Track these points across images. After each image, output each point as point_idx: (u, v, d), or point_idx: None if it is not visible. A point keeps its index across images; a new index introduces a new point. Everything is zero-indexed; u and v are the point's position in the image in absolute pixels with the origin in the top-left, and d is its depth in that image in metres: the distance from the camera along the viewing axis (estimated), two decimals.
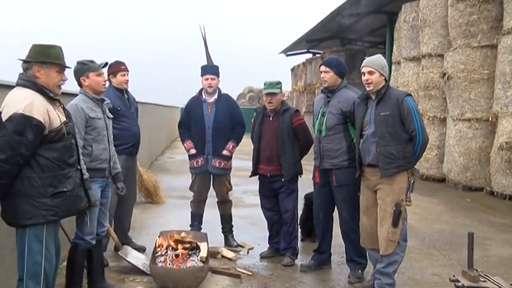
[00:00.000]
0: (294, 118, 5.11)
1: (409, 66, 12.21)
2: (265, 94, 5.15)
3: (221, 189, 5.73)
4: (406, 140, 4.04)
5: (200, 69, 5.69)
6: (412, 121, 4.00)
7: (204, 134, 5.55)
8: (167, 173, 12.20)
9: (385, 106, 4.09)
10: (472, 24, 9.85)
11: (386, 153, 4.04)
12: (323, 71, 4.76)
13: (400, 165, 4.02)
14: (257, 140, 5.25)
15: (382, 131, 4.07)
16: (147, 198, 8.39)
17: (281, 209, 5.21)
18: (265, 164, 5.19)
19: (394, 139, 4.03)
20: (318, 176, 4.83)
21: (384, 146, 4.05)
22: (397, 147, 4.02)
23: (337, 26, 19.33)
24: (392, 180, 4.05)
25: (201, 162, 5.58)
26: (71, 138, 3.31)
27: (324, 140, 4.69)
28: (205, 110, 5.59)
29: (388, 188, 4.06)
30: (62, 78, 3.33)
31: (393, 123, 4.04)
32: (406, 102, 4.03)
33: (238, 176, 8.63)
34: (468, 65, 9.85)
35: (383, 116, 4.07)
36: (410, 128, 4.02)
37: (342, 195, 4.66)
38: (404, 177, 4.05)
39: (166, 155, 17.08)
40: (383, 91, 4.14)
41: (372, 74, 4.15)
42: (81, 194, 3.36)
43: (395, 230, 4.03)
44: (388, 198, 4.06)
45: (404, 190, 4.05)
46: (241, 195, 9.04)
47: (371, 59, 4.23)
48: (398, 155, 4.01)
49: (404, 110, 4.02)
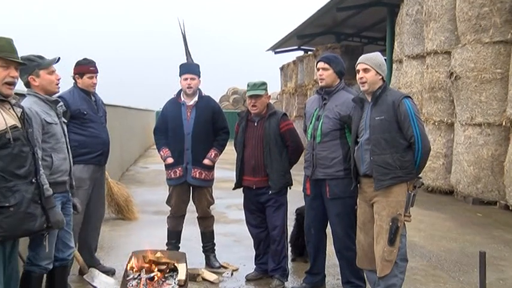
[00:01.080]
0: (282, 123, 5.14)
1: (412, 65, 12.35)
2: (249, 96, 5.19)
3: (202, 203, 5.75)
4: (404, 148, 4.06)
5: (179, 68, 5.72)
6: (410, 126, 4.00)
7: (183, 141, 5.57)
8: (141, 185, 12.17)
9: (381, 109, 4.12)
10: (483, 18, 9.92)
11: (381, 162, 4.07)
12: (321, 68, 4.79)
13: (396, 176, 4.03)
14: (241, 148, 5.28)
15: (376, 137, 4.10)
16: (117, 214, 8.36)
17: (269, 225, 5.23)
18: (251, 174, 5.22)
19: (390, 146, 4.05)
20: (308, 188, 4.86)
21: (379, 155, 4.08)
22: (393, 156, 4.04)
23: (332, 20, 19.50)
24: (388, 193, 4.07)
25: (179, 173, 5.59)
26: (21, 146, 3.20)
27: (318, 147, 4.72)
28: (184, 113, 5.61)
29: (384, 201, 4.08)
30: (10, 74, 3.23)
31: (389, 128, 4.06)
32: (403, 105, 4.04)
33: (221, 188, 8.64)
34: (479, 63, 9.92)
35: (378, 120, 4.11)
36: (408, 134, 4.04)
37: (336, 209, 4.69)
38: (402, 189, 4.06)
39: (139, 165, 17.05)
40: (379, 92, 4.17)
41: (366, 71, 4.19)
42: (33, 212, 3.23)
43: (391, 249, 4.03)
44: (384, 212, 4.07)
45: (402, 204, 4.05)
46: (225, 209, 9.04)
47: (367, 55, 4.28)
48: (394, 164, 4.03)
49: (401, 114, 4.03)
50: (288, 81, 24.42)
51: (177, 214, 5.77)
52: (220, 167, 9.23)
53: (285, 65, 25.60)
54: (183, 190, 5.69)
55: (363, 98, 4.31)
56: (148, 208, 9.09)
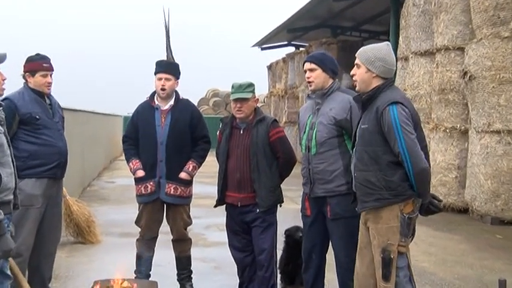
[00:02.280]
0: (271, 130, 5.15)
1: (420, 62, 12.43)
2: (234, 100, 5.19)
3: (177, 223, 5.73)
4: (390, 165, 3.92)
5: (155, 66, 5.73)
6: (396, 141, 3.86)
7: (156, 151, 5.56)
8: (105, 203, 12.10)
9: (368, 117, 4.04)
10: (501, 8, 9.98)
11: (363, 180, 4.01)
12: (308, 69, 4.82)
13: (382, 197, 3.92)
14: (224, 159, 5.27)
15: (360, 150, 4.04)
16: (76, 237, 8.29)
17: (255, 248, 5.22)
18: (235, 190, 5.21)
19: (373, 163, 3.95)
20: (308, 207, 4.87)
21: (361, 171, 4.02)
22: (376, 174, 3.94)
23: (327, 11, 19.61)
24: (378, 217, 3.97)
25: (152, 188, 5.57)
26: None
27: (315, 160, 4.73)
28: (158, 119, 5.61)
29: (375, 228, 4.00)
30: None
31: (371, 141, 3.97)
32: (387, 114, 3.89)
33: (199, 205, 8.59)
34: (497, 61, 9.97)
35: (363, 129, 4.04)
36: (395, 150, 3.89)
37: (338, 231, 4.69)
38: (393, 213, 3.93)
39: (104, 179, 17.01)
40: (370, 94, 4.05)
41: (358, 67, 4.14)
42: None
43: (387, 285, 3.92)
44: (375, 241, 3.99)
45: (395, 230, 3.92)
46: (204, 230, 9.02)
47: (362, 48, 4.22)
48: (378, 184, 3.93)
49: (385, 125, 3.89)
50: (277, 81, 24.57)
51: (148, 236, 5.73)
52: (199, 181, 9.19)
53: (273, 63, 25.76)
54: (156, 208, 5.66)
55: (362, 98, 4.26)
56: (114, 230, 9.02)
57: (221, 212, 5.50)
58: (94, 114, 17.47)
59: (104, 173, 18.82)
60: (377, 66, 4.06)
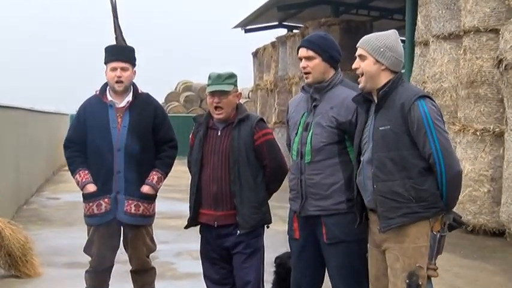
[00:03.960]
0: (257, 132, 5.18)
1: (443, 48, 12.46)
2: (210, 93, 5.20)
3: (138, 249, 5.75)
4: (421, 171, 4.04)
5: (104, 53, 5.74)
6: (427, 140, 3.99)
7: (111, 160, 5.59)
8: (46, 225, 12.01)
9: (387, 116, 4.12)
10: None
11: (387, 192, 4.07)
12: (303, 57, 4.83)
13: (411, 211, 4.02)
14: (198, 168, 5.27)
15: (380, 156, 4.10)
16: (9, 269, 8.24)
17: (237, 281, 5.24)
18: (211, 207, 5.22)
19: (400, 169, 4.05)
20: (297, 228, 4.87)
21: (384, 181, 4.08)
22: (404, 183, 4.03)
23: None
24: (403, 236, 4.06)
25: (106, 207, 5.59)
26: None
27: (309, 169, 4.74)
28: (113, 120, 5.63)
29: (397, 248, 4.07)
30: None
31: (397, 144, 4.06)
32: (416, 110, 4.02)
33: (167, 227, 8.61)
34: None
35: (382, 132, 4.11)
36: (425, 152, 4.01)
37: (337, 258, 4.70)
38: (423, 230, 4.05)
39: (45, 195, 16.91)
40: (385, 90, 4.14)
41: (363, 59, 4.22)
42: None
43: None
44: (397, 265, 4.06)
45: (424, 251, 4.04)
46: (172, 258, 8.98)
47: (365, 37, 4.29)
48: (407, 195, 4.02)
49: (414, 123, 4.02)
50: (265, 72, 24.52)
51: (101, 267, 5.73)
52: (167, 197, 9.24)
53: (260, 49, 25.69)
54: (111, 231, 5.68)
55: (368, 96, 4.32)
56: (58, 259, 8.98)
57: (194, 235, 5.51)
58: (32, 113, 17.32)
59: (46, 187, 18.70)
60: (388, 57, 4.16)
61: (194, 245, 5.62)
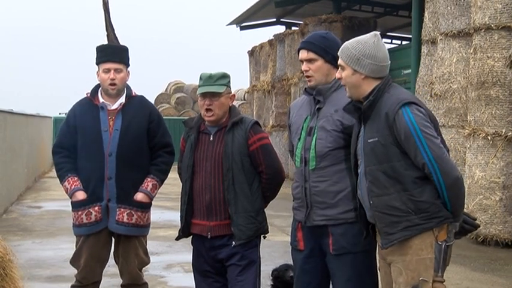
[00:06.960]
0: (252, 137, 5.16)
1: (452, 47, 12.47)
2: (201, 95, 5.18)
3: (130, 262, 5.72)
4: (417, 181, 4.02)
5: (96, 53, 5.74)
6: (418, 150, 3.96)
7: (103, 166, 5.57)
8: (28, 236, 11.93)
9: (374, 127, 4.10)
10: None
11: (384, 207, 4.06)
12: (304, 59, 4.81)
13: (412, 224, 4.01)
14: (189, 175, 5.25)
15: (372, 170, 4.09)
16: None
17: None
18: (204, 216, 5.19)
19: (394, 182, 4.03)
20: (301, 239, 4.86)
21: (379, 196, 4.07)
22: (401, 196, 4.01)
23: None
24: (405, 248, 4.04)
25: (97, 216, 5.57)
26: None
27: (313, 177, 4.72)
28: (105, 123, 5.62)
29: (400, 261, 4.07)
30: None
31: (386, 156, 4.04)
32: (401, 118, 4.00)
33: (157, 238, 8.57)
34: None
35: (371, 144, 4.09)
36: (418, 162, 4.00)
37: (344, 270, 4.67)
38: (427, 241, 4.03)
39: (26, 203, 16.89)
40: (370, 100, 4.11)
41: (342, 69, 4.21)
42: None
43: None
44: (400, 278, 4.06)
45: (429, 262, 4.02)
46: (163, 271, 8.86)
47: (343, 45, 4.26)
48: (405, 208, 4.01)
49: (401, 133, 4.00)
50: (261, 72, 24.61)
51: (87, 281, 5.69)
52: (158, 206, 9.17)
53: (256, 47, 25.80)
54: (101, 242, 5.66)
55: (358, 105, 4.28)
56: (40, 272, 8.86)
57: (186, 246, 5.43)
58: (12, 115, 17.22)
59: (27, 194, 18.69)
60: (365, 65, 4.13)
61: (186, 256, 5.57)
